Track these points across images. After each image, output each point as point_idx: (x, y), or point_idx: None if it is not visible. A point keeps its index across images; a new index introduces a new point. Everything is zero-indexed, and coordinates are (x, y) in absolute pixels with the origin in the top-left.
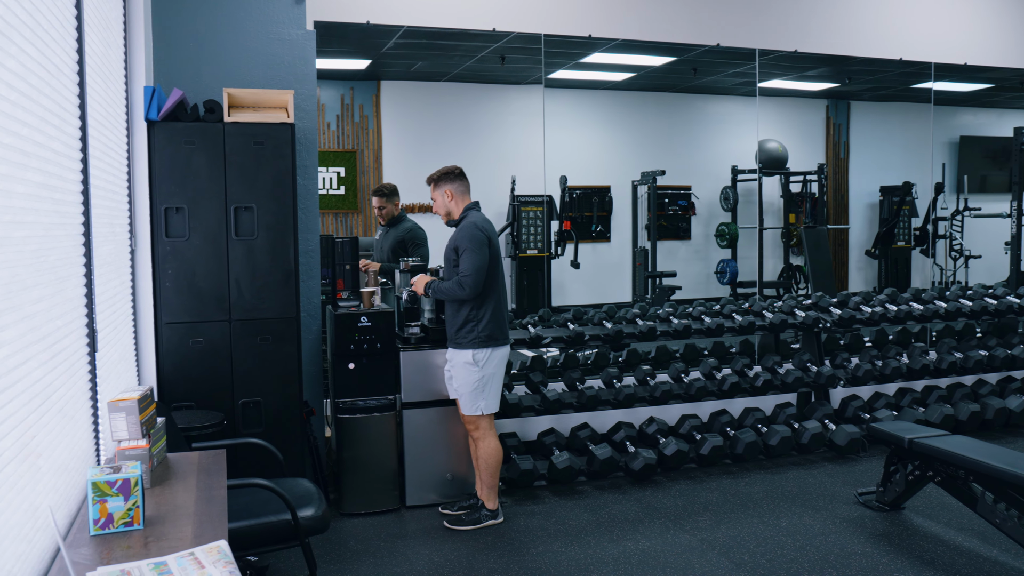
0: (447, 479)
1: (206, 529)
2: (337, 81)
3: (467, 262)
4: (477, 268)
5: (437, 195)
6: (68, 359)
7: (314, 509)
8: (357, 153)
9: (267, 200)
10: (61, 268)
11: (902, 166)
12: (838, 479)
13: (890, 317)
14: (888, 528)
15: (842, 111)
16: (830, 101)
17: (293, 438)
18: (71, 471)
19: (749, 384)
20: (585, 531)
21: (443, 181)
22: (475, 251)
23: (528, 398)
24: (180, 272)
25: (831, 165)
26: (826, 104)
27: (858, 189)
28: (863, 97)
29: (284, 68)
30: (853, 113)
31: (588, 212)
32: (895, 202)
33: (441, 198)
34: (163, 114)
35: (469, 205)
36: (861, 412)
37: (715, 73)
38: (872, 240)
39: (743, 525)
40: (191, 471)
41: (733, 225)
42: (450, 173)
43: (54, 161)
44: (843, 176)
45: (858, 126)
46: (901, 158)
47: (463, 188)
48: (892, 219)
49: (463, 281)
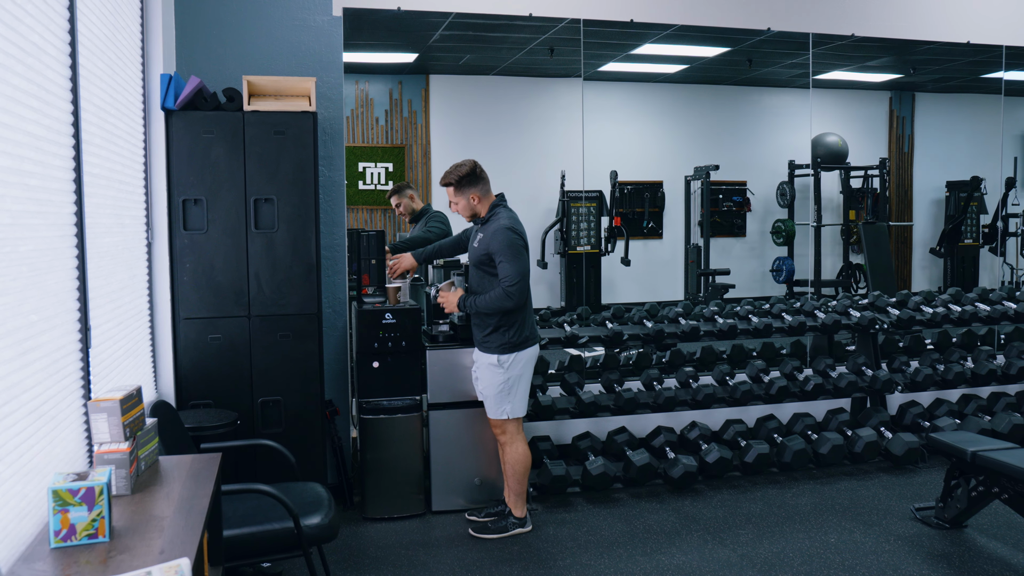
0: (475, 484)
1: (175, 544)
2: (385, 75)
3: (510, 269)
4: (523, 274)
5: (461, 199)
6: (47, 356)
7: (320, 516)
8: (405, 148)
9: (288, 192)
10: (38, 260)
11: (970, 160)
12: (894, 492)
13: (953, 318)
14: (948, 548)
15: (906, 103)
16: (893, 93)
17: (313, 439)
18: (48, 476)
19: (799, 388)
20: (617, 542)
21: (466, 185)
22: (516, 257)
23: (563, 400)
24: (198, 266)
25: (894, 160)
26: (889, 96)
27: (923, 184)
28: (928, 88)
29: (309, 56)
30: (918, 105)
31: (639, 208)
32: (962, 198)
33: (466, 201)
34: (181, 102)
35: (495, 201)
36: (920, 420)
37: (771, 64)
38: (937, 238)
39: (788, 540)
40: (180, 476)
41: (789, 222)
42: (471, 174)
43: (29, 145)
44: (907, 171)
45: (923, 119)
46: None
47: (486, 187)
48: (959, 216)
49: (510, 291)
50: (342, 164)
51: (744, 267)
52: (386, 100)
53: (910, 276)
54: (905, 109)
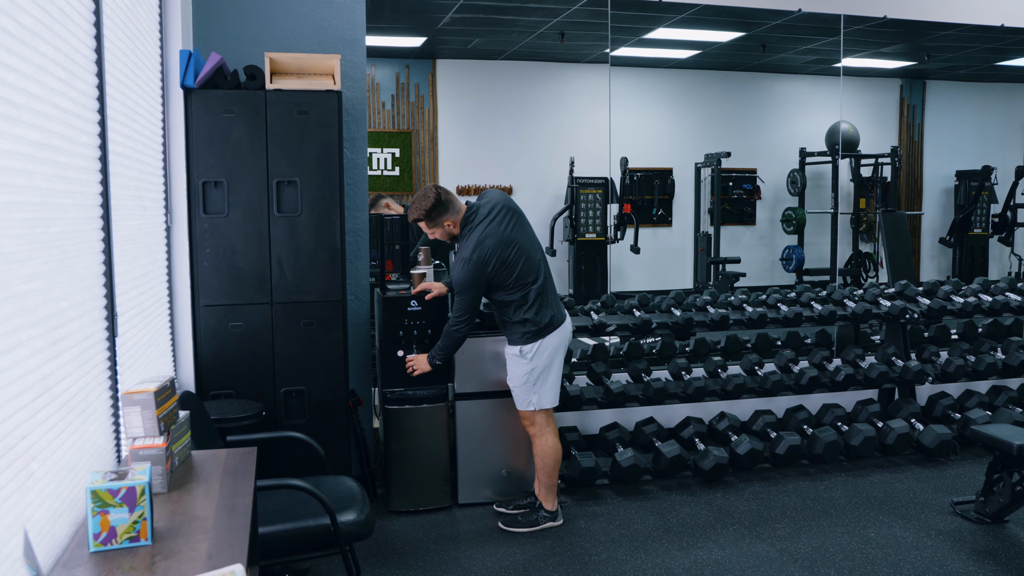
0: (502, 476)
1: (223, 547)
2: (392, 59)
3: (458, 305)
4: (466, 310)
5: (436, 229)
6: (77, 346)
7: (356, 513)
8: (412, 133)
9: (312, 174)
10: (66, 242)
11: (980, 149)
12: (928, 485)
13: (984, 308)
14: (992, 544)
15: (917, 91)
16: (904, 81)
17: (338, 430)
18: (80, 473)
19: (829, 379)
20: (652, 537)
21: (436, 216)
22: (464, 292)
23: (590, 390)
24: (219, 251)
25: (904, 148)
26: (900, 84)
27: (933, 173)
28: (939, 76)
29: (332, 33)
30: (929, 93)
31: (649, 195)
32: (973, 187)
33: (442, 230)
34: (200, 80)
35: (466, 214)
36: (951, 412)
37: (785, 50)
38: (947, 227)
39: (826, 535)
40: (216, 472)
41: (800, 210)
42: (437, 204)
43: (57, 119)
44: (917, 160)
45: (934, 107)
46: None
47: (456, 206)
48: (969, 205)
49: (451, 331)
50: (365, 146)
51: (754, 255)
52: (393, 85)
53: (919, 266)
54: (916, 97)
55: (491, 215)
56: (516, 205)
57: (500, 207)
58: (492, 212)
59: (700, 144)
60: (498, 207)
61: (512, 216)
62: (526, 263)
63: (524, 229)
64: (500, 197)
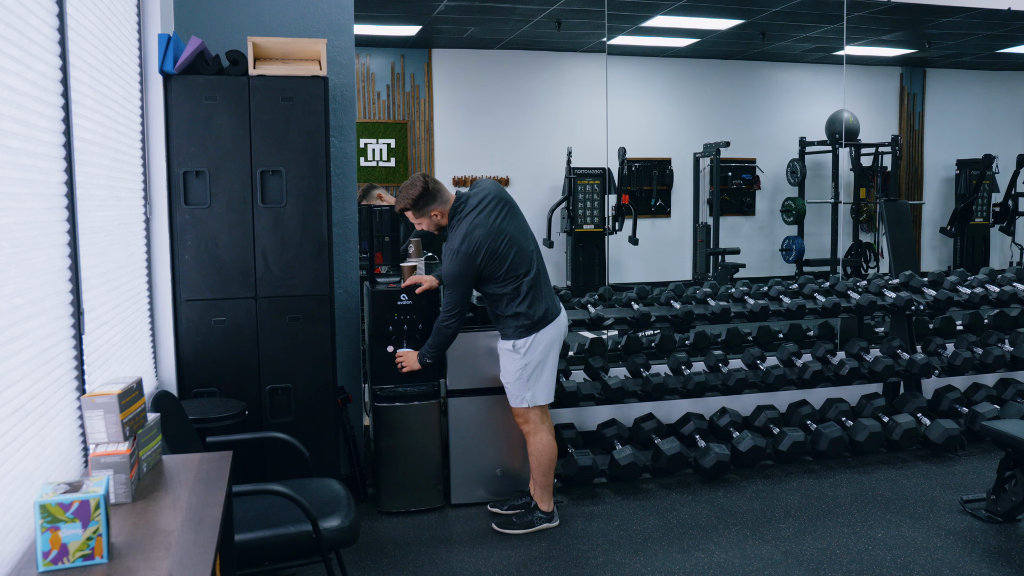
0: (497, 475)
1: (186, 565)
2: (387, 49)
3: (447, 299)
4: (455, 304)
5: (423, 219)
6: (35, 345)
7: (340, 519)
8: (408, 124)
9: (297, 163)
10: (21, 234)
11: (982, 138)
12: (936, 482)
13: (992, 299)
14: (1005, 544)
15: (917, 79)
16: (904, 69)
17: (326, 428)
18: (37, 484)
19: (833, 372)
20: (651, 538)
21: (423, 205)
22: (453, 285)
23: (587, 385)
24: (200, 243)
25: (904, 137)
26: (900, 72)
27: (933, 162)
28: (940, 64)
29: (318, 18)
30: (929, 81)
31: (647, 186)
32: (974, 176)
33: (428, 220)
34: (180, 66)
35: (454, 204)
36: (958, 405)
37: (784, 38)
38: (948, 217)
39: (832, 535)
40: (187, 480)
41: (800, 200)
42: (424, 192)
43: (8, 100)
44: (917, 149)
45: (934, 95)
46: (980, 130)
47: (444, 195)
48: (970, 194)
49: (441, 326)
50: (353, 135)
51: (753, 246)
52: (388, 75)
53: (919, 256)
54: (916, 86)
55: (480, 205)
56: (508, 195)
57: (491, 197)
58: (482, 202)
59: (699, 134)
60: (488, 197)
61: (503, 206)
62: (517, 254)
63: (516, 219)
64: (492, 187)
